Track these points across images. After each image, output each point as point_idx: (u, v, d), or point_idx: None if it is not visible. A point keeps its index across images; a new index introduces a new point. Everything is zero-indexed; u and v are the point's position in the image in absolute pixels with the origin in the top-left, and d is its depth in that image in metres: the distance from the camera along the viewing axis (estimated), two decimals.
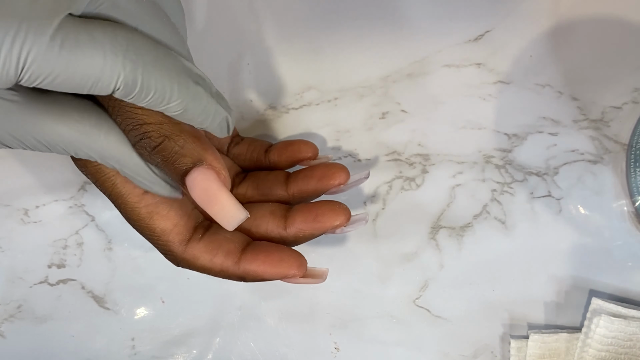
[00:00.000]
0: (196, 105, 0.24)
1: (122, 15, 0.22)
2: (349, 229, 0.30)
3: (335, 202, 0.30)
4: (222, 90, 0.35)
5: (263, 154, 0.32)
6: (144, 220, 0.28)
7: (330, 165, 0.31)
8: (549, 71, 0.34)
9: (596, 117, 0.34)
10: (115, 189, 0.28)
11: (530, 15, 0.34)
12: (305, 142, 0.32)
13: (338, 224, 0.29)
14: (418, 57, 0.35)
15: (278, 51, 0.35)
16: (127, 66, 0.21)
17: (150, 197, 0.28)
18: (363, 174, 0.31)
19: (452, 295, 0.35)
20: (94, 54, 0.21)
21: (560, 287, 0.34)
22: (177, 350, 0.36)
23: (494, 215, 0.34)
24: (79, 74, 0.21)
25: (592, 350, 0.32)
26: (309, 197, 0.31)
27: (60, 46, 0.20)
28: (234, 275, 0.28)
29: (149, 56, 0.22)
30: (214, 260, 0.28)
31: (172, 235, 0.28)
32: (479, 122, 0.34)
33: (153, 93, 0.22)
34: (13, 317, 0.36)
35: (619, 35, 0.33)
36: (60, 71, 0.20)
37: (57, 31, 0.20)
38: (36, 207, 0.36)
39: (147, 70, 0.22)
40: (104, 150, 0.24)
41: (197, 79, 0.24)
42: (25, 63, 0.20)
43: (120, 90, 0.22)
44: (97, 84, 0.21)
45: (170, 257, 0.29)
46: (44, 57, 0.20)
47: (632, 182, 0.33)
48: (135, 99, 0.22)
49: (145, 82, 0.22)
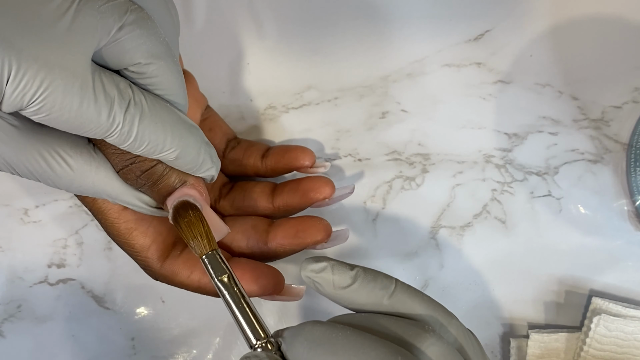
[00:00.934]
0: (188, 153, 0.25)
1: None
2: (329, 245, 0.31)
3: (317, 218, 0.31)
4: (222, 90, 0.35)
5: (259, 160, 0.32)
6: (123, 235, 0.28)
7: (315, 179, 0.31)
8: (549, 71, 0.34)
9: (596, 117, 0.34)
10: (95, 204, 0.28)
11: (530, 15, 0.34)
12: (302, 149, 0.32)
13: (319, 239, 0.30)
14: (418, 57, 0.35)
15: (278, 51, 0.35)
16: (127, 119, 0.22)
17: (130, 213, 0.28)
18: (348, 189, 0.32)
19: (452, 295, 0.35)
20: (105, 103, 0.21)
21: (560, 287, 0.34)
22: (177, 350, 0.36)
23: (494, 215, 0.34)
24: (83, 119, 0.21)
25: (592, 350, 0.32)
26: (294, 210, 0.32)
27: (80, 86, 0.20)
28: (211, 292, 0.29)
29: (146, 110, 0.23)
30: (192, 276, 0.29)
31: (150, 251, 0.28)
32: (479, 122, 0.34)
33: (147, 144, 0.23)
34: (13, 317, 0.36)
35: (619, 35, 0.34)
36: (70, 111, 0.21)
37: (79, 70, 0.20)
38: (36, 207, 0.36)
39: (143, 123, 0.22)
40: (95, 186, 0.25)
41: (190, 129, 0.25)
42: (40, 96, 0.20)
43: (114, 138, 0.22)
44: (94, 130, 0.22)
45: (149, 272, 0.29)
46: (63, 92, 0.20)
47: (632, 181, 0.33)
48: (129, 148, 0.23)
49: (140, 134, 0.22)
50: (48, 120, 0.21)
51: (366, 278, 0.24)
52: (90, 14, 0.20)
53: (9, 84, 0.19)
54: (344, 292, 0.24)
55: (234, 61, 0.35)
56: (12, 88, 0.19)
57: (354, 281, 0.24)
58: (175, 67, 0.24)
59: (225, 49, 0.35)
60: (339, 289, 0.24)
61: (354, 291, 0.24)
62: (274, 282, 0.29)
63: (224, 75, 0.35)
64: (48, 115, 0.21)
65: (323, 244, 0.31)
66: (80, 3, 0.20)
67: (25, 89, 0.19)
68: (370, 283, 0.24)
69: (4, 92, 0.19)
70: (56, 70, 0.20)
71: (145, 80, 0.23)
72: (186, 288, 0.29)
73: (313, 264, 0.24)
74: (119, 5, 0.21)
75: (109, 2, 0.21)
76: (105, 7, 0.21)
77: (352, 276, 0.24)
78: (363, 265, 0.24)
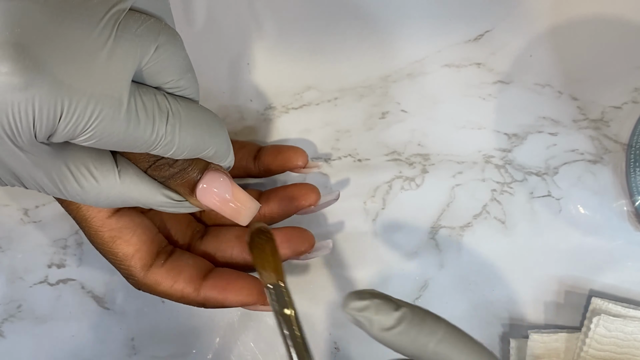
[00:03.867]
0: (222, 147, 0.25)
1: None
2: (313, 256, 0.32)
3: (301, 229, 0.31)
4: (222, 91, 0.35)
5: (252, 161, 0.32)
6: (106, 244, 0.28)
7: (301, 186, 0.32)
8: (549, 71, 0.34)
9: (596, 117, 0.34)
10: (79, 212, 0.28)
11: (530, 15, 0.34)
12: (295, 149, 0.32)
13: (303, 249, 0.31)
14: (418, 57, 0.35)
15: (278, 51, 0.35)
16: (168, 130, 0.22)
17: (114, 221, 0.28)
18: (333, 195, 0.32)
19: (452, 295, 0.35)
20: (147, 124, 0.22)
21: (560, 287, 0.34)
22: (177, 350, 0.36)
23: (494, 215, 0.34)
24: (130, 139, 0.22)
25: (592, 350, 0.32)
26: (280, 218, 0.32)
27: (127, 111, 0.21)
28: (194, 301, 0.29)
29: (184, 117, 0.23)
30: (175, 286, 0.29)
31: (133, 260, 0.28)
32: (479, 122, 0.34)
33: (189, 149, 0.24)
34: (13, 317, 0.36)
35: (619, 35, 0.34)
36: (116, 137, 0.21)
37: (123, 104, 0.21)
38: (36, 207, 0.36)
39: (184, 130, 0.23)
40: (123, 194, 0.25)
41: (220, 124, 0.25)
42: (90, 127, 0.20)
43: (159, 150, 0.23)
44: (140, 147, 0.22)
45: (132, 281, 0.29)
46: (111, 120, 0.21)
47: (632, 181, 0.33)
48: (173, 155, 0.24)
49: (182, 141, 0.23)
50: (96, 144, 0.21)
51: (413, 321, 0.22)
52: (129, 39, 0.21)
53: (61, 120, 0.20)
54: (387, 334, 0.22)
55: (234, 61, 0.35)
56: (65, 124, 0.20)
57: (398, 323, 0.22)
58: (193, 73, 0.24)
59: (225, 49, 0.35)
60: (382, 331, 0.22)
61: (398, 334, 0.22)
62: (257, 292, 0.29)
63: (224, 75, 0.35)
64: (98, 142, 0.21)
65: (307, 255, 0.31)
66: (118, 29, 0.20)
67: (77, 123, 0.20)
68: (416, 327, 0.22)
69: (56, 127, 0.20)
70: (104, 100, 0.20)
71: (178, 92, 0.23)
72: (169, 298, 0.29)
73: (355, 301, 0.22)
74: (153, 27, 0.21)
75: (144, 23, 0.21)
76: (141, 29, 0.21)
77: (397, 318, 0.22)
78: (411, 304, 0.23)
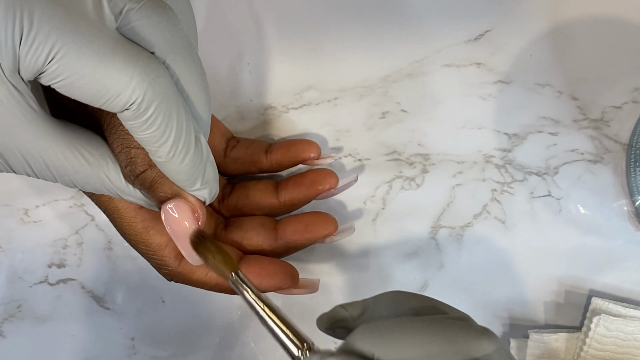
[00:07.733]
0: (183, 159, 0.23)
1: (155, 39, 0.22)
2: (337, 238, 0.32)
3: (323, 212, 0.31)
4: (222, 90, 0.35)
5: (263, 155, 0.32)
6: (140, 234, 0.28)
7: (319, 171, 0.32)
8: (549, 71, 0.34)
9: (596, 117, 0.34)
10: (112, 203, 0.28)
11: (530, 15, 0.34)
12: (307, 141, 0.32)
13: (328, 232, 0.31)
14: (418, 57, 0.35)
15: (278, 51, 0.35)
16: (148, 94, 0.21)
17: (147, 211, 0.28)
18: (352, 177, 0.32)
19: (452, 295, 0.35)
20: (124, 71, 0.21)
21: (560, 287, 0.34)
22: (177, 350, 0.36)
23: (494, 215, 0.34)
24: (101, 84, 0.21)
25: (592, 350, 0.32)
26: (300, 203, 0.32)
27: (95, 50, 0.20)
28: (229, 289, 0.29)
29: (170, 96, 0.22)
30: (210, 274, 0.29)
31: (167, 249, 0.28)
32: (479, 122, 0.34)
33: (155, 128, 0.22)
34: (13, 317, 0.36)
35: (619, 35, 0.33)
36: (85, 75, 0.20)
37: (97, 37, 0.20)
38: (36, 207, 0.36)
39: (162, 106, 0.22)
40: (111, 182, 0.24)
41: (198, 136, 0.24)
42: (55, 55, 0.20)
43: (128, 112, 0.22)
44: (112, 100, 0.21)
45: (165, 271, 0.29)
46: (77, 55, 0.20)
47: (632, 181, 0.33)
48: (136, 127, 0.22)
49: (155, 114, 0.22)
50: (65, 85, 0.21)
51: None
52: None
53: (22, 45, 0.19)
54: None
55: (234, 61, 0.35)
56: (26, 49, 0.19)
57: None
58: (196, 65, 0.23)
59: (225, 49, 0.35)
60: None
61: None
62: (290, 275, 0.29)
63: (224, 75, 0.35)
64: (66, 79, 0.20)
65: (332, 237, 0.31)
66: None
67: (38, 50, 0.20)
68: None
69: (18, 54, 0.20)
70: (68, 34, 0.20)
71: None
72: (203, 286, 0.29)
73: None
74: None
75: None
76: None
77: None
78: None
